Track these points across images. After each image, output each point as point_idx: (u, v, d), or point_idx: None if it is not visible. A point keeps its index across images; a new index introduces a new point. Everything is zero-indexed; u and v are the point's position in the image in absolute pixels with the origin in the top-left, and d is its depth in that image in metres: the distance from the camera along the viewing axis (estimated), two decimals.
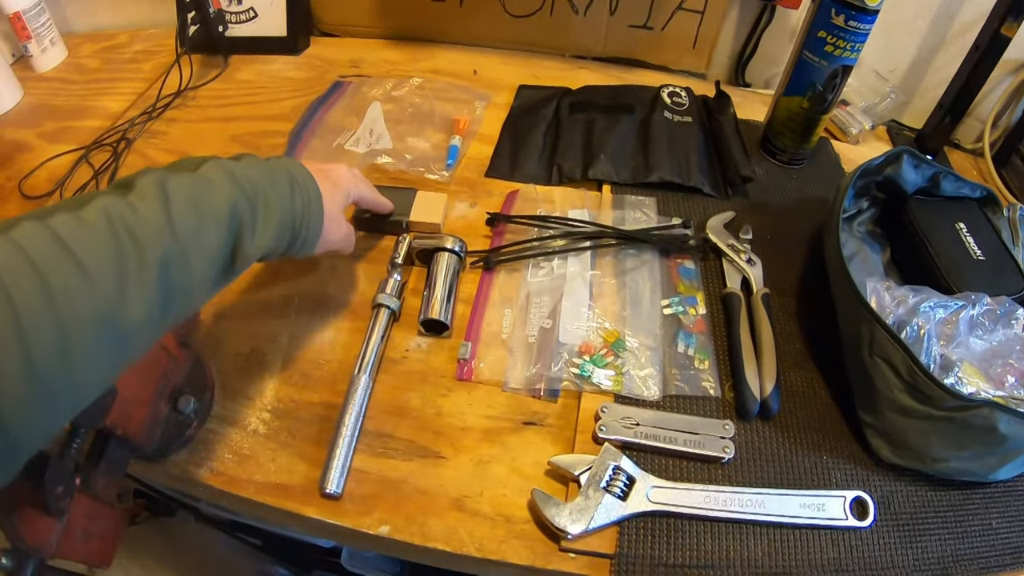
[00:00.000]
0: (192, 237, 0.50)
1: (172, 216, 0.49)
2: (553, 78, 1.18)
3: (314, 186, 0.66)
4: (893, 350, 0.64)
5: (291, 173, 0.63)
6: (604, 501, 0.63)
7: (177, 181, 0.52)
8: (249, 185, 0.57)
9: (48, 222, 0.43)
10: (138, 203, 0.48)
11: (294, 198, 0.62)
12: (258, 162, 0.61)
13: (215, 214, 0.53)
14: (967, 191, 0.87)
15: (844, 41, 0.87)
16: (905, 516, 0.67)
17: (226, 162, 0.57)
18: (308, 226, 0.65)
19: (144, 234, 0.47)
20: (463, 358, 0.76)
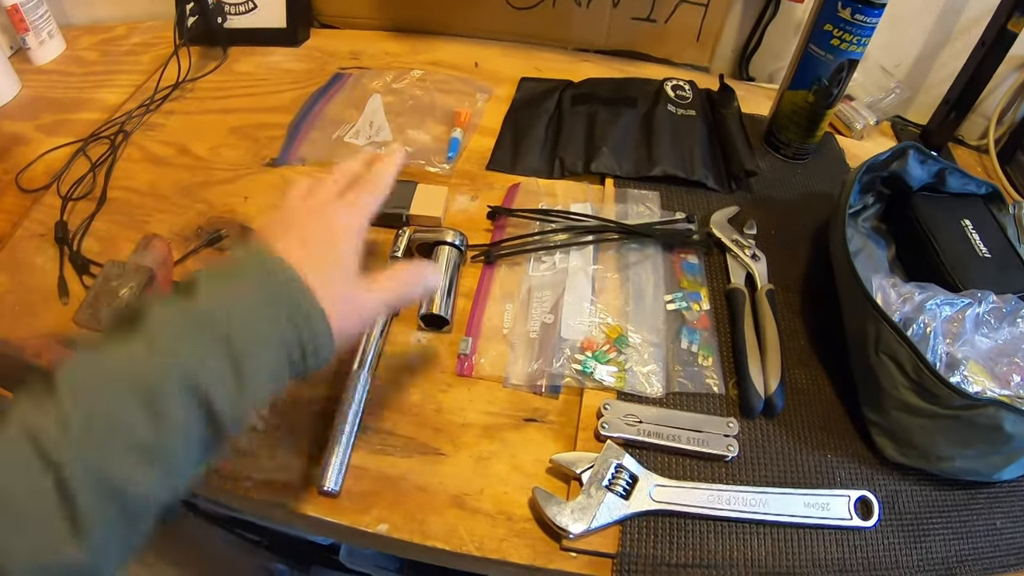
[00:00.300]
0: (131, 447, 0.41)
1: (95, 432, 0.40)
2: (555, 71, 1.17)
3: (298, 284, 0.48)
4: (899, 348, 0.64)
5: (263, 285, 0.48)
6: (606, 500, 0.63)
7: (103, 373, 0.42)
8: (203, 343, 0.44)
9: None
10: (53, 416, 0.40)
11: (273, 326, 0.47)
12: (215, 286, 0.47)
13: (159, 406, 0.41)
14: (972, 188, 0.87)
15: (850, 35, 0.86)
16: (909, 516, 0.66)
17: (172, 310, 0.45)
18: (313, 339, 0.49)
19: (64, 462, 0.38)
20: (463, 353, 0.75)
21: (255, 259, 0.49)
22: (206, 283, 0.47)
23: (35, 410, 0.40)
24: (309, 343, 0.48)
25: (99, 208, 0.91)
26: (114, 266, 0.66)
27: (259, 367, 0.46)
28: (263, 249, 0.50)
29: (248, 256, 0.50)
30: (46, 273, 0.83)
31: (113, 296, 0.64)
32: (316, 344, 0.49)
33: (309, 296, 0.48)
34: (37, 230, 0.89)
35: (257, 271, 0.48)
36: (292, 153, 1.00)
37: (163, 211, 0.91)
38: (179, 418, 0.42)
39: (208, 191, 0.94)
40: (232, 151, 1.01)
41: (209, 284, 0.47)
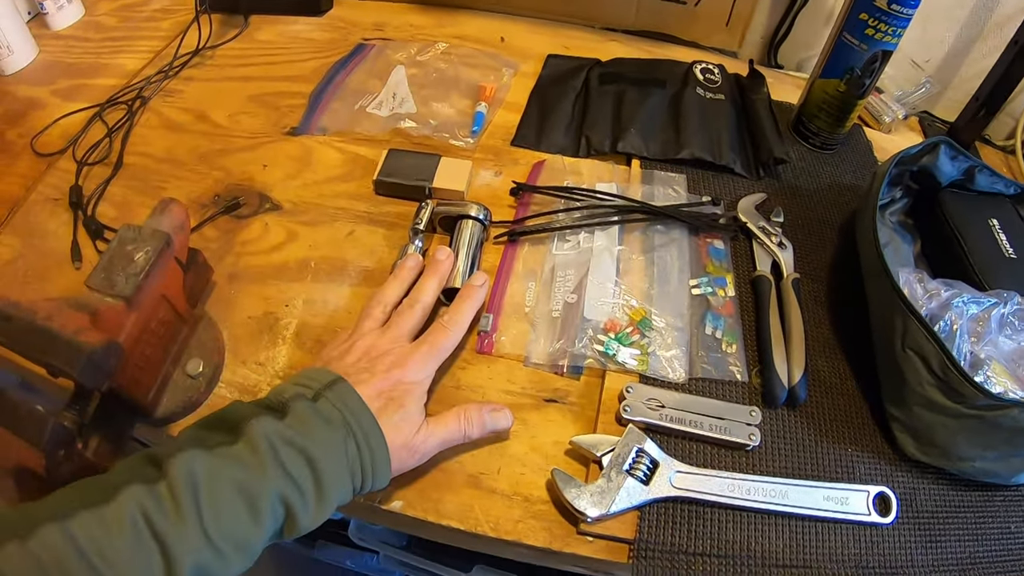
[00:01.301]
0: (230, 537, 0.48)
1: (204, 519, 0.46)
2: (582, 49, 1.15)
3: (375, 433, 0.57)
4: (926, 344, 0.62)
5: (346, 427, 0.55)
6: (626, 484, 0.62)
7: (211, 467, 0.49)
8: (297, 463, 0.51)
9: (70, 528, 0.42)
10: (167, 500, 0.46)
11: (349, 462, 0.55)
12: (307, 416, 0.54)
13: (256, 508, 0.49)
14: (1001, 187, 0.85)
15: (886, 25, 0.84)
16: (926, 515, 0.66)
17: (268, 427, 0.52)
18: (373, 478, 0.57)
19: (175, 542, 0.45)
20: (484, 330, 0.75)
21: (344, 399, 0.57)
22: (299, 406, 0.54)
23: (146, 489, 0.46)
24: (370, 480, 0.57)
25: (115, 173, 0.91)
26: (129, 230, 0.64)
27: (334, 494, 0.54)
28: (351, 391, 0.58)
29: (338, 393, 0.57)
30: (59, 238, 0.83)
31: (128, 260, 0.62)
32: (375, 482, 0.57)
33: (383, 444, 0.57)
34: (51, 195, 0.88)
35: (345, 410, 0.56)
36: (313, 122, 0.99)
37: (180, 178, 0.91)
38: (269, 522, 0.50)
39: (226, 158, 0.94)
40: (251, 119, 1.00)
41: (302, 409, 0.54)
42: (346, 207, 0.87)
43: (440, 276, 0.72)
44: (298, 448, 0.52)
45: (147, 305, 0.63)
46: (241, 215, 0.86)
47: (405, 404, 0.60)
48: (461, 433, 0.64)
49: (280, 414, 0.54)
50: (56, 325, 0.56)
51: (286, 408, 0.54)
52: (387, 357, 0.62)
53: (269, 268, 0.81)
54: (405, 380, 0.61)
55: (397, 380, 0.61)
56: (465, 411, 0.64)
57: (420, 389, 0.63)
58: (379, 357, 0.62)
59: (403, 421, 0.59)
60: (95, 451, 0.62)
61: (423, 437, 0.61)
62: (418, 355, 0.64)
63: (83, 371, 0.55)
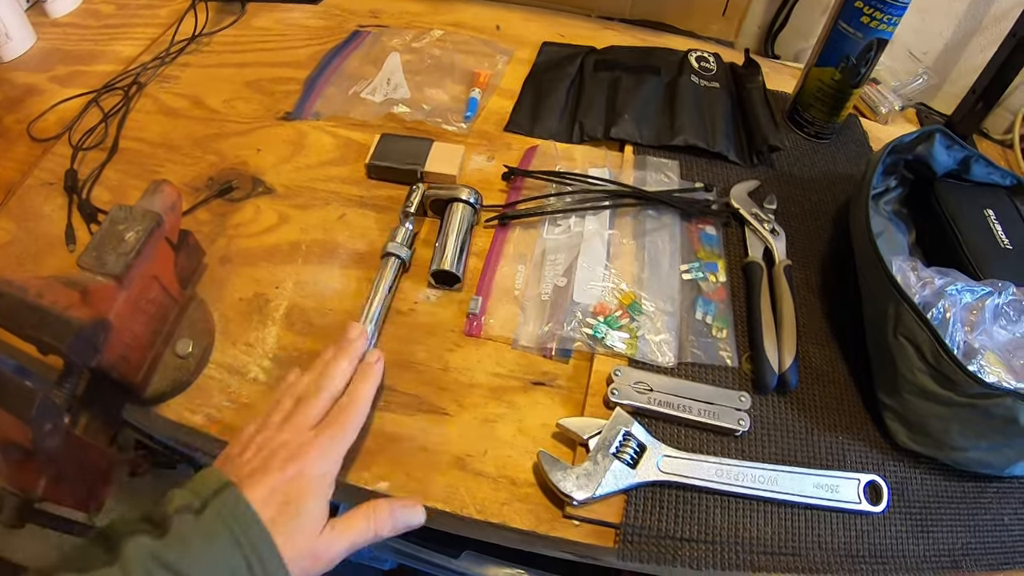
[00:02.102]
0: None
1: None
2: (578, 37, 1.15)
3: (267, 546, 0.51)
4: (919, 331, 0.62)
5: (232, 540, 0.50)
6: (613, 467, 0.61)
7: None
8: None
9: None
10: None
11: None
12: (188, 531, 0.49)
13: None
14: (997, 178, 0.85)
15: (881, 13, 0.84)
16: (918, 504, 0.65)
17: (144, 548, 0.48)
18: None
19: None
20: (473, 313, 0.74)
21: (231, 508, 0.51)
22: (180, 523, 0.49)
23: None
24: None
25: (110, 158, 0.91)
26: (121, 210, 0.64)
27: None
28: (238, 498, 0.52)
29: (224, 501, 0.51)
30: (53, 222, 0.83)
31: (119, 240, 0.62)
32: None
33: (276, 556, 0.51)
34: (47, 179, 0.88)
35: (231, 522, 0.50)
36: (307, 107, 0.98)
37: (174, 162, 0.91)
38: None
39: (221, 143, 0.93)
40: (246, 104, 1.00)
41: (184, 525, 0.49)
42: (338, 191, 0.87)
43: (351, 357, 0.65)
44: (174, 572, 0.47)
45: (137, 284, 0.63)
46: (234, 198, 0.86)
47: (302, 506, 0.54)
48: (372, 533, 0.58)
49: (161, 531, 0.49)
50: (47, 302, 0.56)
51: (168, 524, 0.49)
52: (284, 450, 0.56)
53: (260, 250, 0.81)
54: (305, 474, 0.55)
55: (295, 475, 0.55)
56: (374, 509, 0.59)
57: (322, 484, 0.56)
58: (275, 451, 0.56)
59: (301, 527, 0.53)
60: (85, 429, 0.62)
61: (327, 541, 0.55)
62: (318, 443, 0.57)
63: (72, 346, 0.55)
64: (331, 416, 0.60)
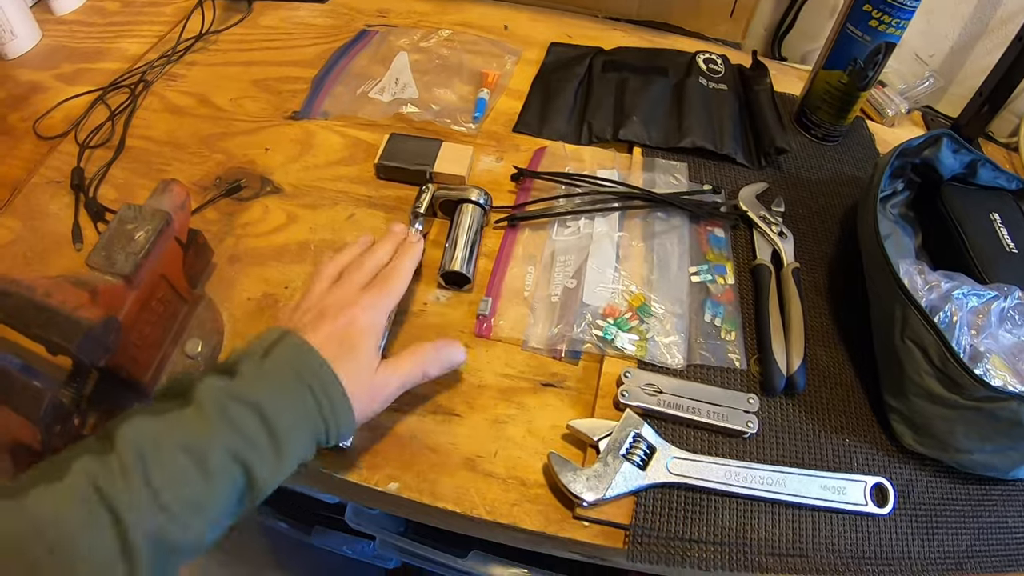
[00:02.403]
0: (182, 500, 0.46)
1: (154, 483, 0.45)
2: (586, 38, 1.15)
3: (329, 376, 0.55)
4: (926, 334, 0.62)
5: (297, 376, 0.54)
6: (623, 469, 0.62)
7: (157, 431, 0.48)
8: (247, 419, 0.50)
9: (23, 504, 0.43)
10: (115, 468, 0.45)
11: (306, 411, 0.54)
12: (256, 372, 0.53)
13: (207, 468, 0.47)
14: (1003, 182, 0.85)
15: (890, 16, 0.84)
16: (923, 506, 0.65)
17: (216, 386, 0.51)
18: (336, 426, 0.55)
19: (126, 509, 0.43)
20: (483, 314, 0.74)
21: (293, 350, 0.56)
22: (248, 365, 0.53)
23: (97, 462, 0.45)
24: (334, 428, 0.55)
25: (116, 156, 0.91)
26: (130, 209, 0.64)
27: (294, 446, 0.52)
28: (300, 341, 0.56)
29: (286, 345, 0.56)
30: (60, 220, 0.83)
31: (128, 239, 0.62)
32: (340, 430, 0.56)
33: (339, 389, 0.55)
34: (53, 177, 0.88)
35: (295, 361, 0.55)
36: (315, 107, 0.98)
37: (181, 160, 0.91)
38: (225, 481, 0.48)
39: (228, 142, 0.94)
40: (254, 103, 1.00)
41: (251, 367, 0.53)
42: (347, 190, 0.87)
43: (396, 241, 0.71)
44: (247, 403, 0.50)
45: (146, 284, 0.63)
46: (242, 198, 0.86)
47: (358, 348, 0.59)
48: (420, 372, 0.64)
49: (230, 375, 0.53)
50: (55, 301, 0.56)
51: (235, 368, 0.53)
52: (335, 305, 0.61)
53: (269, 250, 0.81)
54: (356, 322, 0.60)
55: (348, 323, 0.60)
56: (421, 349, 0.64)
57: (373, 331, 0.61)
58: (327, 306, 0.61)
59: (358, 365, 0.58)
60: (93, 429, 0.62)
61: (382, 381, 0.60)
62: (367, 297, 0.63)
63: (81, 346, 0.54)
64: (376, 280, 0.66)
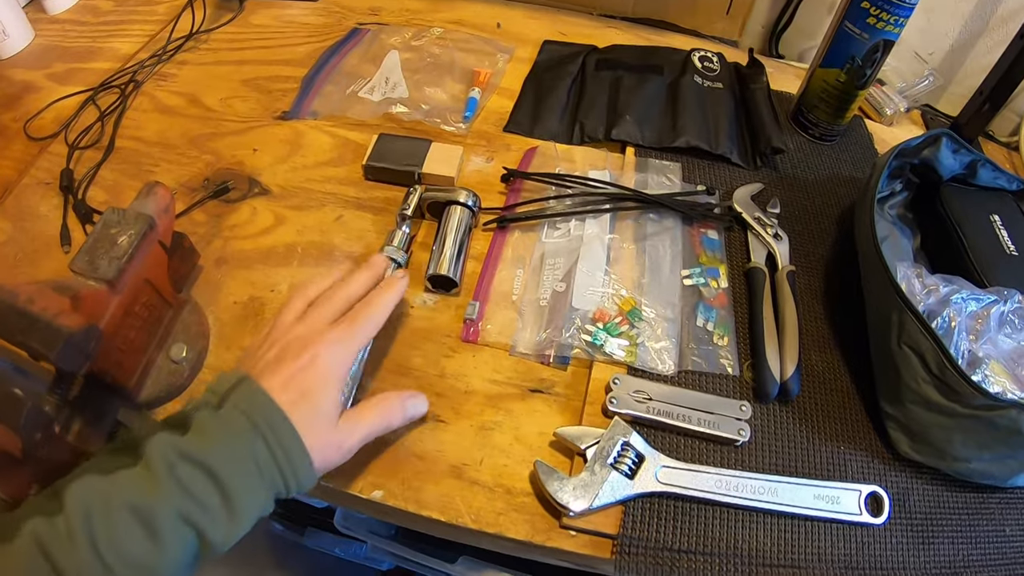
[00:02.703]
0: (130, 564, 0.44)
1: (100, 548, 0.43)
2: (580, 35, 1.13)
3: (287, 431, 0.52)
4: (923, 340, 0.61)
5: (253, 429, 0.51)
6: (610, 478, 0.60)
7: (105, 493, 0.46)
8: (197, 480, 0.48)
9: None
10: (63, 531, 0.44)
11: (260, 469, 0.51)
12: (208, 426, 0.51)
13: (154, 530, 0.45)
14: (1003, 183, 0.84)
15: (888, 14, 0.82)
16: (919, 515, 0.64)
17: (165, 444, 0.48)
18: (295, 479, 0.52)
19: (71, 573, 0.43)
20: (470, 318, 0.73)
21: (248, 398, 0.53)
22: (201, 417, 0.51)
23: (45, 523, 0.44)
24: (293, 482, 0.52)
25: (106, 157, 0.90)
26: (114, 213, 0.64)
27: (248, 506, 0.50)
28: (256, 388, 0.53)
29: (242, 393, 0.53)
30: (50, 222, 0.82)
31: (111, 244, 0.62)
32: (300, 483, 0.53)
33: (297, 442, 0.52)
34: (43, 178, 0.87)
35: (250, 411, 0.52)
36: (305, 107, 0.97)
37: (170, 161, 0.90)
38: (175, 544, 0.46)
39: (217, 142, 0.93)
40: (243, 103, 0.99)
41: (204, 419, 0.51)
42: (335, 192, 0.86)
43: (374, 274, 0.67)
44: (196, 463, 0.48)
45: (130, 289, 0.63)
46: (230, 199, 0.85)
47: (318, 396, 0.55)
48: (384, 425, 0.61)
49: (182, 429, 0.51)
50: (37, 308, 0.55)
51: (188, 421, 0.51)
52: (297, 341, 0.57)
53: (256, 253, 0.80)
54: (318, 361, 0.56)
55: (308, 364, 0.56)
56: (386, 400, 0.61)
57: (337, 375, 0.57)
58: (289, 343, 0.57)
59: (318, 415, 0.54)
60: (77, 435, 0.61)
61: (345, 432, 0.57)
62: (332, 334, 0.58)
63: (61, 354, 0.54)
64: (348, 315, 0.61)
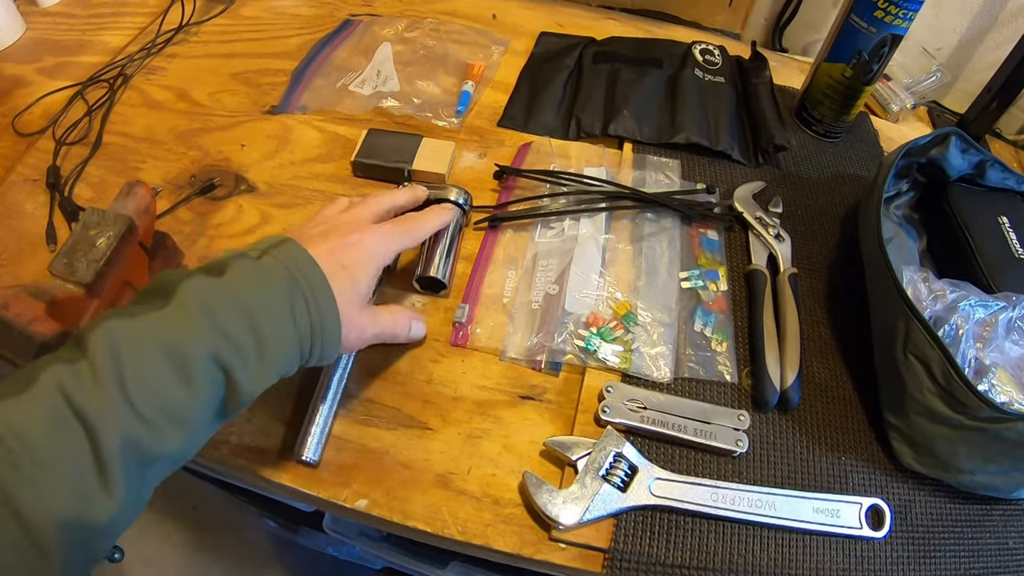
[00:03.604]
0: (159, 407, 0.43)
1: (128, 389, 0.42)
2: (578, 27, 1.11)
3: (325, 290, 0.52)
4: (930, 350, 0.59)
5: (292, 281, 0.50)
6: (602, 491, 0.58)
7: (134, 333, 0.44)
8: (233, 319, 0.47)
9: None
10: (87, 374, 0.42)
11: (295, 319, 0.50)
12: (248, 271, 0.50)
13: (187, 371, 0.44)
14: (1012, 183, 0.82)
15: (897, 7, 0.80)
16: (922, 528, 0.63)
17: (200, 285, 0.47)
18: (322, 343, 0.52)
19: (97, 417, 0.40)
20: (459, 321, 0.71)
21: (291, 254, 0.52)
22: (239, 264, 0.50)
23: (67, 367, 0.42)
24: (318, 344, 0.52)
25: (93, 153, 0.88)
26: (93, 214, 0.62)
27: (277, 352, 0.49)
28: (300, 248, 0.53)
29: (284, 250, 0.52)
30: (36, 220, 0.80)
31: (90, 245, 0.61)
32: (324, 348, 0.53)
33: (332, 303, 0.52)
34: (30, 175, 0.86)
35: (291, 265, 0.51)
36: (294, 101, 0.95)
37: (157, 157, 0.88)
38: (205, 387, 0.45)
39: (204, 138, 0.91)
40: (232, 97, 0.97)
41: (243, 266, 0.50)
42: (322, 189, 0.84)
43: (415, 196, 0.70)
44: (235, 302, 0.47)
45: (109, 291, 0.62)
46: (216, 197, 0.83)
47: (357, 273, 0.56)
48: (393, 331, 0.63)
49: (218, 273, 0.49)
50: (11, 314, 0.55)
51: (225, 268, 0.49)
52: (346, 225, 0.59)
53: None
54: (364, 244, 0.57)
55: (354, 244, 0.57)
56: (400, 310, 0.65)
57: (374, 264, 0.58)
58: (338, 225, 0.58)
59: (353, 290, 0.55)
60: None
61: (368, 318, 0.58)
62: (381, 228, 0.60)
63: None
64: (393, 219, 0.64)
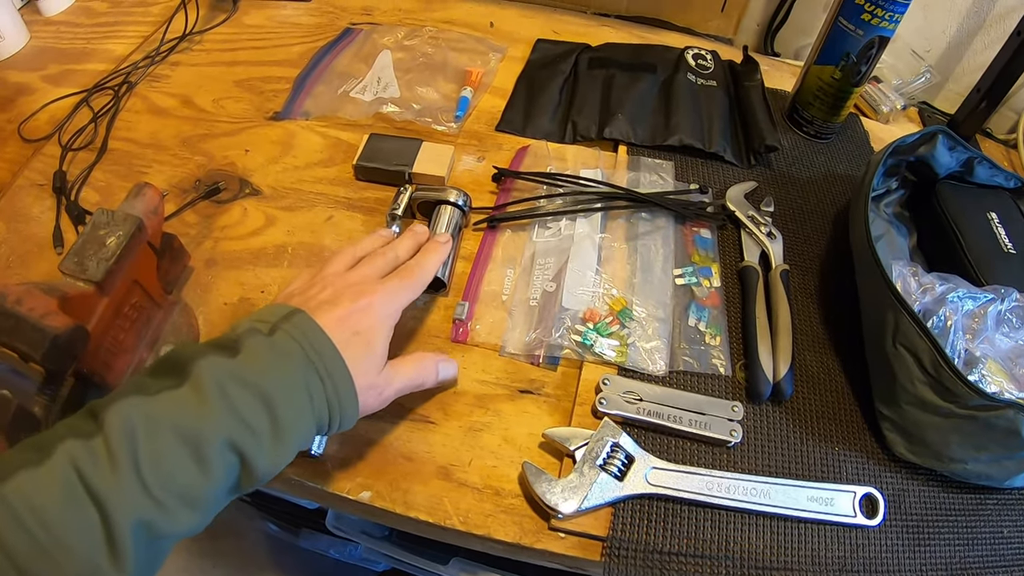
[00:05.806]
0: (173, 490, 0.43)
1: (143, 472, 0.42)
2: (573, 34, 1.13)
3: (339, 366, 0.52)
4: (919, 340, 0.60)
5: (306, 359, 0.50)
6: (599, 479, 0.60)
7: (151, 414, 0.44)
8: (249, 403, 0.46)
9: (2, 491, 0.40)
10: (102, 454, 0.42)
11: (312, 398, 0.50)
12: (262, 351, 0.49)
13: (202, 456, 0.44)
14: (1000, 180, 0.83)
15: (883, 10, 0.81)
16: (915, 517, 0.63)
17: (216, 366, 0.47)
18: (340, 416, 0.52)
19: (111, 498, 0.41)
20: (459, 318, 0.73)
21: (302, 329, 0.52)
22: (253, 342, 0.50)
23: (82, 444, 0.42)
24: (337, 417, 0.52)
25: (99, 158, 0.90)
26: (103, 214, 0.64)
27: (294, 433, 0.49)
28: (311, 321, 0.53)
29: (296, 324, 0.52)
30: (43, 224, 0.82)
31: (100, 245, 0.62)
32: (343, 420, 0.53)
33: (348, 378, 0.52)
34: (36, 180, 0.87)
35: (303, 341, 0.51)
36: (296, 107, 0.97)
37: (162, 162, 0.90)
38: (219, 471, 0.45)
39: (209, 143, 0.92)
40: (236, 104, 0.98)
41: (256, 345, 0.50)
42: (326, 192, 0.86)
43: (417, 241, 0.68)
44: (251, 387, 0.47)
45: (119, 290, 0.63)
46: (221, 200, 0.85)
47: (371, 341, 0.55)
48: (420, 380, 0.62)
49: (232, 352, 0.49)
50: (24, 309, 0.55)
51: (239, 345, 0.49)
52: (353, 288, 0.58)
53: (246, 253, 0.79)
54: (373, 310, 0.57)
55: (364, 309, 0.56)
56: (424, 358, 0.63)
57: (387, 326, 0.58)
58: (344, 288, 0.57)
59: (369, 358, 0.55)
60: None
61: (385, 380, 0.57)
62: (388, 286, 0.59)
63: (47, 355, 0.54)
64: (398, 271, 0.62)
